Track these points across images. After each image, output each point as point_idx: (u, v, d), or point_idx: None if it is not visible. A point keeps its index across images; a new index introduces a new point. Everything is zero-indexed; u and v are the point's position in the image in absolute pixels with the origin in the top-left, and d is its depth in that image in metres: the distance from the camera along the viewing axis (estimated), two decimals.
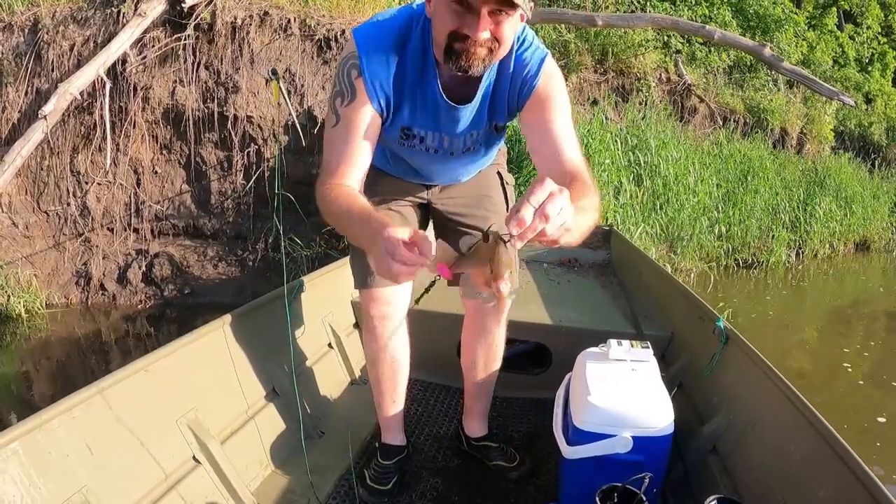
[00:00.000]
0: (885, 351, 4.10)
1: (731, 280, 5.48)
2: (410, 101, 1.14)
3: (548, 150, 1.08)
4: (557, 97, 1.12)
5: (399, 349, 1.44)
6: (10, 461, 0.97)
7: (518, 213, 0.71)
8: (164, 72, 4.11)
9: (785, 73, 6.12)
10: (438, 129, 1.19)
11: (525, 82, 1.12)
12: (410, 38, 1.10)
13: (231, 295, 3.95)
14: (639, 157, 5.08)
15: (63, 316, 3.83)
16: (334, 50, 4.30)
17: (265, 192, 4.17)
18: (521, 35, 1.13)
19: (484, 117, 1.18)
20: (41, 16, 4.18)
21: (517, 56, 1.12)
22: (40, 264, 4.04)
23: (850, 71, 9.63)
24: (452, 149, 1.24)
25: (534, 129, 1.12)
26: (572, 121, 1.15)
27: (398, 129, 1.19)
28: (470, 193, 1.44)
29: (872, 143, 8.87)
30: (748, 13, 8.15)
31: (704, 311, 1.66)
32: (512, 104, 1.16)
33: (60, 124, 3.97)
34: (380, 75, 1.09)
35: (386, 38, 1.10)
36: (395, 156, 1.33)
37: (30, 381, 3.09)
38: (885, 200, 7.78)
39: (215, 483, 1.33)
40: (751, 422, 1.30)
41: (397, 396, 1.49)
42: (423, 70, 1.11)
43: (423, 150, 1.24)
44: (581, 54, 5.93)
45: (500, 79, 1.14)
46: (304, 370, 1.76)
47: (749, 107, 7.14)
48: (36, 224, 4.11)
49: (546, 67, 1.13)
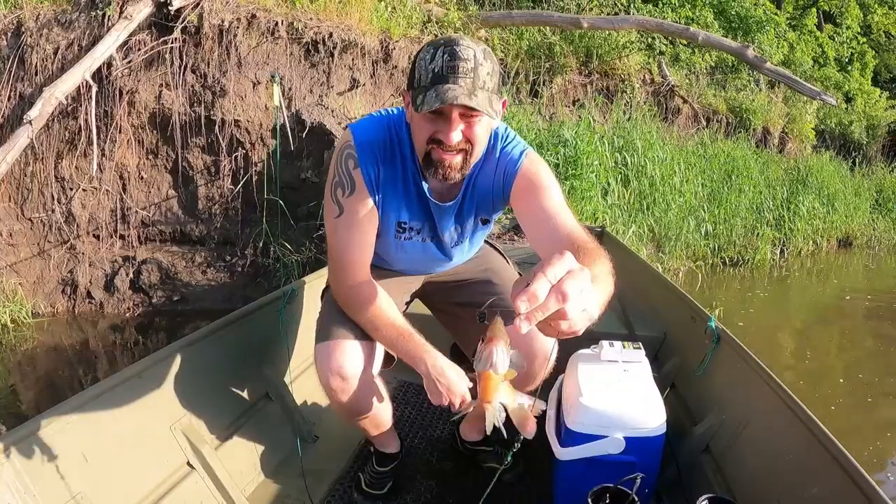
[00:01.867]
0: (867, 342, 4.18)
1: (719, 278, 5.56)
2: (404, 197, 1.19)
3: (545, 229, 1.04)
4: (544, 180, 1.15)
5: (366, 399, 1.27)
6: (5, 468, 0.97)
7: (529, 286, 0.56)
8: (151, 75, 4.08)
9: (768, 73, 6.23)
10: (430, 221, 1.24)
11: (507, 173, 1.17)
12: (401, 139, 1.16)
13: (220, 301, 3.92)
14: (626, 158, 5.13)
15: (50, 325, 3.77)
16: (322, 53, 4.30)
17: (253, 197, 4.15)
18: (504, 133, 1.19)
19: (470, 212, 1.24)
20: (24, 19, 4.12)
21: (501, 151, 1.18)
22: (25, 273, 3.98)
23: (830, 70, 9.80)
24: (444, 240, 1.28)
25: (527, 215, 1.14)
26: (561, 194, 1.13)
27: (394, 223, 1.23)
28: (467, 268, 1.43)
29: (853, 142, 9.04)
30: (730, 14, 8.27)
31: (696, 311, 1.68)
32: (497, 198, 1.20)
33: (44, 129, 3.92)
34: (374, 170, 1.15)
35: (379, 136, 1.16)
36: (389, 254, 1.33)
37: (16, 392, 3.04)
38: (866, 197, 7.94)
39: (210, 488, 1.32)
40: (743, 421, 1.32)
41: (381, 426, 1.39)
42: (412, 169, 1.17)
43: (419, 241, 1.28)
44: (566, 56, 5.97)
45: (483, 174, 1.19)
46: (297, 375, 1.76)
47: (731, 107, 7.25)
48: (20, 232, 4.05)
49: (528, 156, 1.17)
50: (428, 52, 1.03)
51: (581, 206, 4.38)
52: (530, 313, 0.56)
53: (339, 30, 4.33)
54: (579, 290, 0.57)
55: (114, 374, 1.25)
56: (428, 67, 1.01)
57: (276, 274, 4.00)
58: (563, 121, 5.21)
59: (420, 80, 1.03)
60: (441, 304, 1.48)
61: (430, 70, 1.01)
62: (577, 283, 0.57)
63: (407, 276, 1.42)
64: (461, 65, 0.99)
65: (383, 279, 1.32)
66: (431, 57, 1.01)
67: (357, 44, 4.38)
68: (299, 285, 1.83)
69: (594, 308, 0.60)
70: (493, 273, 1.41)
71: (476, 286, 1.39)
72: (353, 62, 4.42)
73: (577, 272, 0.59)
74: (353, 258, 1.18)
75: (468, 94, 0.98)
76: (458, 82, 0.99)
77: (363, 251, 1.18)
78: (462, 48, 1.00)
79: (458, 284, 1.42)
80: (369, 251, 1.20)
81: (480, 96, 0.99)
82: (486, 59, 1.02)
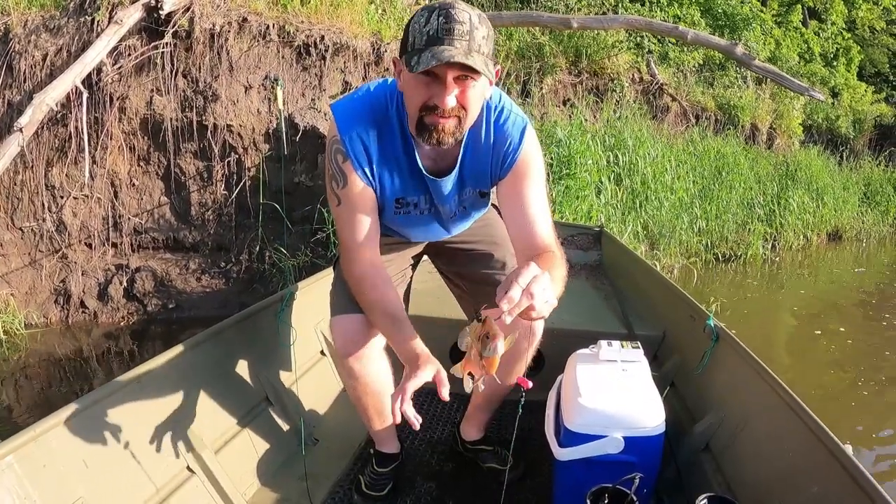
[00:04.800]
0: (858, 332, 4.25)
1: (712, 274, 5.61)
2: (398, 174, 1.20)
3: (524, 222, 1.17)
4: (536, 170, 1.19)
5: (378, 379, 1.37)
6: (6, 474, 0.97)
7: (507, 292, 0.85)
8: (141, 81, 4.05)
9: (757, 70, 6.27)
10: (428, 194, 1.24)
11: (507, 155, 1.18)
12: (388, 115, 1.16)
13: (216, 308, 3.90)
14: (618, 157, 5.16)
15: (43, 336, 3.73)
16: (314, 56, 4.28)
17: (247, 202, 4.13)
18: (499, 104, 1.18)
19: (466, 186, 1.24)
20: (12, 25, 4.07)
21: (497, 126, 1.17)
22: (17, 283, 3.94)
23: (815, 66, 9.90)
24: (442, 213, 1.29)
25: (511, 199, 1.19)
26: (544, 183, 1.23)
27: (392, 201, 1.24)
28: (472, 233, 1.45)
29: (840, 136, 9.15)
30: (716, 12, 8.33)
31: (695, 309, 1.69)
32: (495, 174, 1.21)
33: (34, 137, 3.87)
34: (364, 155, 1.16)
35: (364, 115, 1.15)
36: (391, 228, 1.35)
37: (10, 405, 3.01)
38: (854, 191, 8.04)
39: (210, 493, 1.33)
40: (743, 419, 1.33)
41: (384, 414, 1.44)
42: (403, 145, 1.17)
43: (417, 215, 1.28)
44: (555, 56, 6.00)
45: (478, 148, 1.18)
46: (297, 378, 1.76)
47: (720, 104, 7.30)
48: (10, 241, 4.00)
49: (527, 138, 1.18)
50: (422, 16, 1.01)
51: (576, 206, 4.40)
52: (510, 310, 0.86)
53: (331, 32, 4.32)
54: (542, 290, 0.87)
55: (114, 380, 1.24)
56: (423, 30, 1.00)
57: (271, 279, 3.99)
58: (556, 120, 5.23)
59: (414, 43, 1.01)
60: (445, 269, 1.54)
61: (424, 32, 0.99)
62: (539, 285, 0.87)
63: (411, 242, 1.45)
64: (457, 27, 0.98)
65: (387, 244, 1.36)
66: (426, 20, 1.00)
67: (349, 46, 4.37)
68: (298, 288, 1.84)
69: (553, 299, 0.91)
70: (495, 246, 1.43)
71: (478, 261, 1.43)
72: (345, 65, 4.41)
73: (540, 277, 0.88)
74: (358, 242, 1.20)
75: (464, 54, 0.97)
76: (453, 44, 0.97)
77: (367, 235, 1.20)
78: (458, 11, 0.99)
79: (462, 251, 1.45)
80: (374, 234, 1.22)
81: (477, 58, 0.98)
82: (482, 23, 1.01)
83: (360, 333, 1.29)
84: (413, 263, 1.51)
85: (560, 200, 4.32)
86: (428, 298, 1.95)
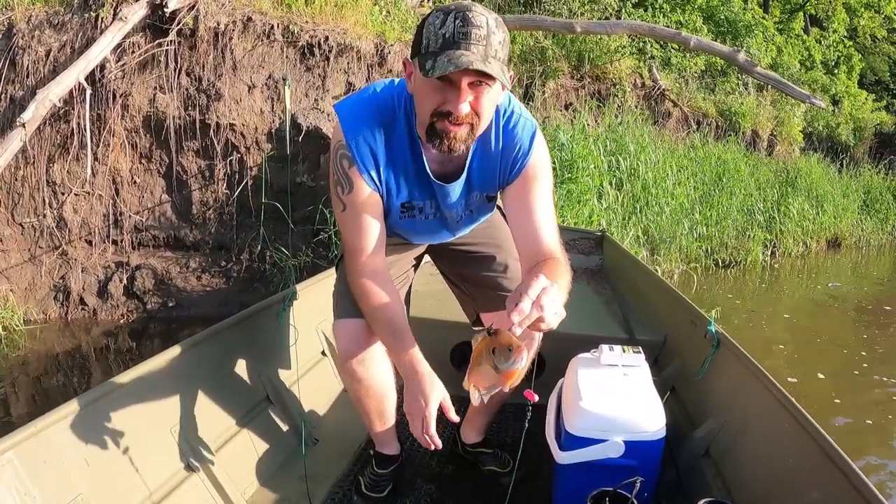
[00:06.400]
0: (858, 339, 4.26)
1: (712, 280, 5.61)
2: (405, 178, 1.18)
3: (530, 228, 1.16)
4: (544, 176, 1.18)
5: (380, 382, 1.35)
6: (6, 470, 0.97)
7: (518, 305, 0.85)
8: (144, 78, 4.05)
9: (759, 77, 6.30)
10: (434, 198, 1.23)
11: (517, 160, 1.16)
12: (396, 117, 1.13)
13: (216, 307, 3.89)
14: (619, 161, 5.17)
15: (42, 332, 3.73)
16: (317, 56, 4.29)
17: (248, 202, 4.13)
18: (508, 108, 1.16)
19: (474, 191, 1.22)
20: (16, 20, 4.07)
21: (506, 130, 1.15)
22: (16, 279, 3.93)
23: (816, 74, 9.94)
24: (448, 217, 1.27)
25: (518, 204, 1.18)
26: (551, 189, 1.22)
27: (398, 205, 1.22)
28: (476, 235, 1.44)
29: (840, 144, 9.17)
30: (719, 19, 8.36)
31: (696, 315, 1.69)
32: (503, 178, 1.20)
33: (36, 133, 3.88)
34: (370, 159, 1.14)
35: (371, 118, 1.12)
36: (395, 230, 1.33)
37: (7, 401, 3.00)
38: (854, 199, 8.06)
39: (210, 491, 1.33)
40: (743, 425, 1.33)
41: (385, 416, 1.43)
42: (411, 149, 1.15)
43: (423, 219, 1.27)
44: (558, 60, 6.01)
45: (487, 153, 1.16)
46: (298, 378, 1.76)
47: (721, 110, 7.33)
48: (10, 237, 4.00)
49: (537, 142, 1.17)
50: (438, 17, 0.98)
51: (577, 210, 4.41)
52: (521, 322, 0.86)
53: (335, 33, 4.33)
54: (552, 302, 0.87)
55: (115, 377, 1.24)
56: (438, 32, 0.97)
57: (272, 279, 3.99)
58: (559, 124, 5.24)
59: (429, 46, 0.98)
60: (446, 271, 1.53)
61: (440, 35, 0.96)
62: (549, 297, 0.87)
63: (414, 243, 1.44)
64: (474, 31, 0.95)
65: (390, 245, 1.34)
66: (441, 22, 0.97)
67: (353, 47, 4.37)
68: (300, 289, 1.84)
69: (562, 310, 0.91)
70: (498, 249, 1.42)
71: (480, 264, 1.42)
72: (349, 66, 4.42)
73: (549, 288, 0.88)
74: (362, 248, 1.18)
75: (482, 60, 0.94)
76: (470, 48, 0.95)
77: (372, 242, 1.19)
78: (475, 14, 0.96)
79: (465, 253, 1.44)
80: (379, 241, 1.20)
81: (494, 65, 0.96)
82: (499, 27, 0.98)
83: (363, 337, 1.28)
84: (415, 265, 1.51)
85: (562, 204, 4.33)
86: (429, 300, 1.96)
